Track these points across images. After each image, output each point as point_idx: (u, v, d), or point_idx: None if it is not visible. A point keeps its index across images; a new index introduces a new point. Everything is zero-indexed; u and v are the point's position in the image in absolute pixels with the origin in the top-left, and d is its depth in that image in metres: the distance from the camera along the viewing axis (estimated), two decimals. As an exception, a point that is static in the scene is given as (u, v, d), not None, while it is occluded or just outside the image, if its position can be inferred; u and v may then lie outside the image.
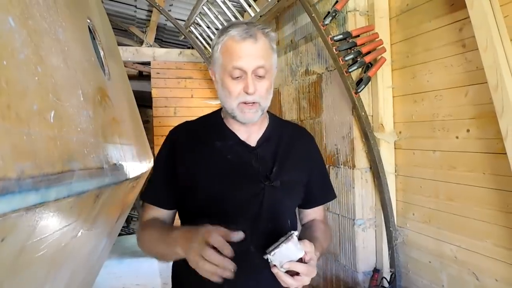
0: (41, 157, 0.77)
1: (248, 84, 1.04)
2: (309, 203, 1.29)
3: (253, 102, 1.07)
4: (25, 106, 0.77)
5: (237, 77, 1.05)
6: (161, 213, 1.18)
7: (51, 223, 0.86)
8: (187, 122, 1.24)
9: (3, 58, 0.73)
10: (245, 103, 1.07)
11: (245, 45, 1.04)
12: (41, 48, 0.94)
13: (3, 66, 0.72)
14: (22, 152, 0.71)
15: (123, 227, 5.80)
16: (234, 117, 1.11)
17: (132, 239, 5.87)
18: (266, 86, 1.08)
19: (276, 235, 0.98)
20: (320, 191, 1.30)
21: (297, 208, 1.30)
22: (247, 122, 1.11)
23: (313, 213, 1.30)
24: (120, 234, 5.40)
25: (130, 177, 1.72)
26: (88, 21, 1.74)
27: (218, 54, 1.08)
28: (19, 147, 0.70)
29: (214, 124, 1.19)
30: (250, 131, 1.17)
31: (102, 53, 1.89)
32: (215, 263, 0.88)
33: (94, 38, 1.81)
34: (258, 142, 1.17)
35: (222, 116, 1.20)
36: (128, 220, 6.52)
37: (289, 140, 1.22)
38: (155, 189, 1.19)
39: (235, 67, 1.04)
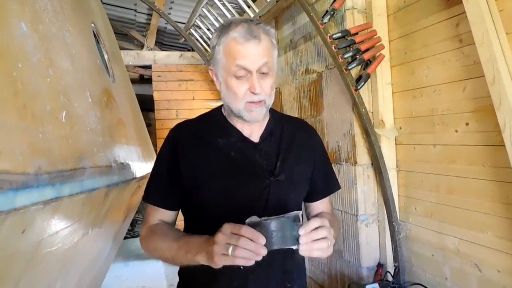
0: (55, 154, 0.81)
1: (253, 83, 1.04)
2: (313, 195, 1.28)
3: (259, 101, 1.07)
4: (39, 106, 0.81)
5: (241, 76, 1.04)
6: (166, 214, 1.17)
7: (65, 219, 0.90)
8: (187, 121, 1.23)
9: (18, 61, 0.76)
10: (252, 102, 1.07)
11: (249, 46, 1.03)
12: (51, 51, 0.98)
13: (18, 68, 0.76)
14: (38, 149, 0.74)
15: (128, 230, 5.83)
16: (240, 117, 1.10)
17: (137, 242, 5.88)
18: (270, 83, 1.08)
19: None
20: (324, 182, 1.29)
21: (303, 204, 1.29)
22: (254, 121, 1.11)
23: (320, 206, 1.30)
24: (125, 237, 5.42)
25: (137, 176, 1.75)
26: (92, 25, 1.78)
27: (220, 56, 1.06)
28: (35, 145, 0.74)
29: (216, 122, 1.19)
30: (253, 127, 1.16)
31: (106, 57, 1.92)
32: (249, 248, 0.87)
33: (98, 42, 1.85)
34: (261, 137, 1.17)
35: (224, 114, 1.19)
36: (133, 223, 6.54)
37: (291, 133, 1.22)
38: (159, 190, 1.17)
39: (240, 65, 1.03)
